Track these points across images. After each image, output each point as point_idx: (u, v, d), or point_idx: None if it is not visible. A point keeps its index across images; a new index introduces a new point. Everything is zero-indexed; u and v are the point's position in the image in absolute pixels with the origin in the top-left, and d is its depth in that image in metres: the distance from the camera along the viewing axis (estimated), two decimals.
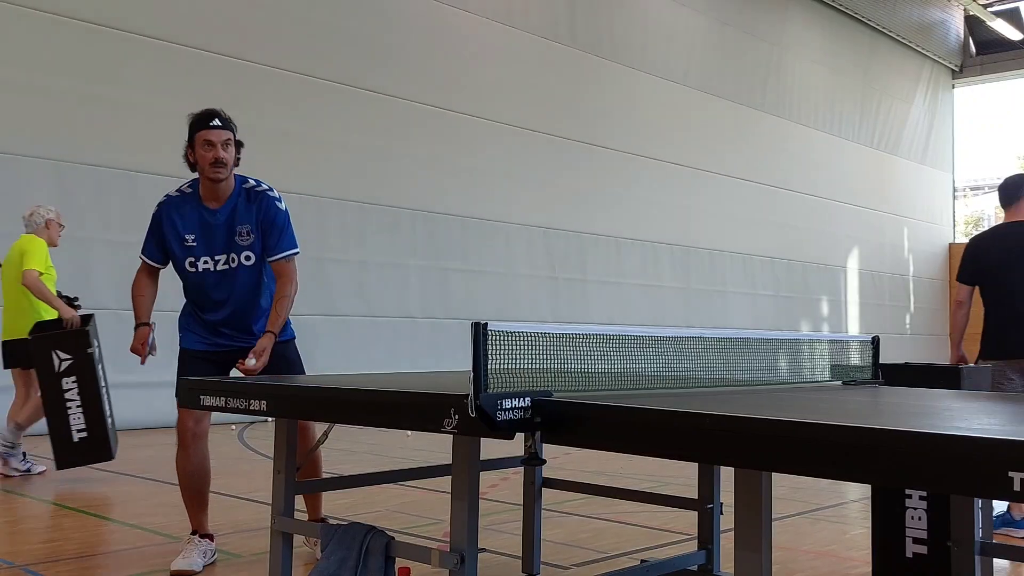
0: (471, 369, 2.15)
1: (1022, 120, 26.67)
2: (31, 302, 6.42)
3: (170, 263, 4.13)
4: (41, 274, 6.26)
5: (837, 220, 20.25)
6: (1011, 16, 23.02)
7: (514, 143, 13.84)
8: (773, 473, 1.99)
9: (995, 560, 3.58)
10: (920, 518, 2.90)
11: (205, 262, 3.97)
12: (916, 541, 2.91)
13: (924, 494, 2.90)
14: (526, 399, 2.18)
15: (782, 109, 19.10)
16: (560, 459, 6.93)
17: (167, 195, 4.08)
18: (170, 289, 4.29)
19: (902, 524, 2.93)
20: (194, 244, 3.96)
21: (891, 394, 2.90)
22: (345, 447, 7.98)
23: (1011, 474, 1.47)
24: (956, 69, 24.81)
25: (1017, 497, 1.46)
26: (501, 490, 5.91)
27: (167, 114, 10.38)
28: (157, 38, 10.17)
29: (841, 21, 20.88)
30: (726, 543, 2.88)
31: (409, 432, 8.10)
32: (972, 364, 5.28)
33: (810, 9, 20.01)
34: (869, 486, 3.42)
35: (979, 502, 2.97)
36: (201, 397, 3.09)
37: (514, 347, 2.31)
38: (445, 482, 2.74)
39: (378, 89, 12.15)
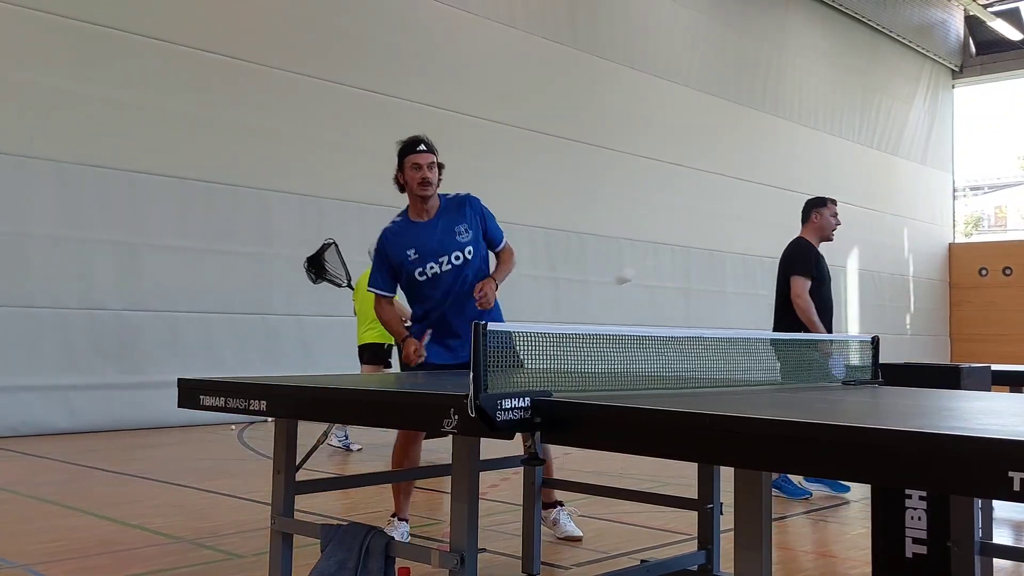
0: (471, 369, 2.15)
1: (1022, 120, 26.68)
2: None
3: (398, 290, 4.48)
4: None
5: None
6: (1011, 16, 23.00)
7: (514, 143, 13.82)
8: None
9: (995, 560, 3.59)
10: (920, 518, 2.90)
11: (432, 267, 4.31)
12: (916, 541, 2.91)
13: (924, 494, 2.90)
14: (526, 399, 2.18)
15: (782, 109, 19.09)
16: (560, 459, 6.91)
17: (385, 228, 4.45)
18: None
19: (902, 524, 2.93)
20: (416, 256, 4.32)
21: (891, 394, 2.90)
22: None
23: (1011, 474, 1.47)
24: (956, 69, 24.79)
25: (1017, 497, 1.46)
26: (501, 490, 5.91)
27: (169, 115, 10.41)
28: (158, 38, 10.16)
29: (841, 21, 20.87)
30: (726, 543, 2.88)
31: None
32: None
33: (810, 9, 20.00)
34: (869, 486, 3.42)
35: (979, 502, 2.98)
36: (201, 397, 3.09)
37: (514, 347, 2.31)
38: (445, 482, 2.74)
39: (378, 89, 12.14)
